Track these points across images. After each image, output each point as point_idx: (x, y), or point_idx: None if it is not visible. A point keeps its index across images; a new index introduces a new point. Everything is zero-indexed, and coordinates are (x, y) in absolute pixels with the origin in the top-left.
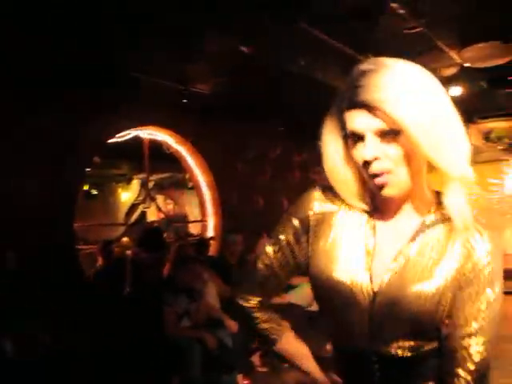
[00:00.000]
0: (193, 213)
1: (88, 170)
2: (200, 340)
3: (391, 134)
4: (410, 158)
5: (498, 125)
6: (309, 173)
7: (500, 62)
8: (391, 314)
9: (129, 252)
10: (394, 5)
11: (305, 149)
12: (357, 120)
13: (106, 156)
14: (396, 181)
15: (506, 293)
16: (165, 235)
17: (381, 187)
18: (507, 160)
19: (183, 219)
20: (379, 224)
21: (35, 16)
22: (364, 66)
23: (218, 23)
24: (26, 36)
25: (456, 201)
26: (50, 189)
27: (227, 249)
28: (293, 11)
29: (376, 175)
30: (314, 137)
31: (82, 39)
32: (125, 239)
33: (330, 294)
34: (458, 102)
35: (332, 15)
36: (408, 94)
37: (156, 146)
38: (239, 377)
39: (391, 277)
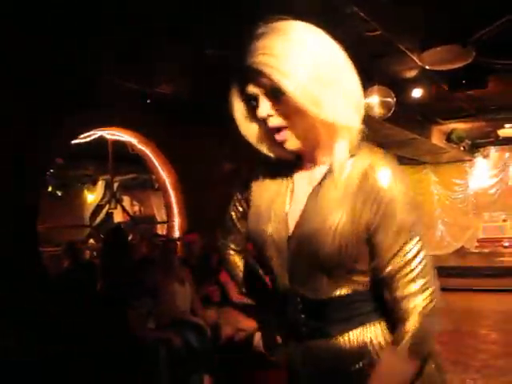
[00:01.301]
0: (160, 214)
1: (51, 171)
2: (165, 341)
3: (277, 93)
4: (300, 113)
5: (458, 126)
6: None
7: (459, 64)
8: (301, 256)
9: (94, 253)
10: (355, 8)
11: None
12: (249, 83)
13: (71, 157)
14: (294, 135)
15: (468, 290)
16: (130, 236)
17: (282, 142)
18: (470, 160)
19: (150, 220)
20: (297, 175)
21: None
22: (258, 30)
23: (181, 25)
24: None
25: (338, 146)
26: (12, 190)
27: (187, 249)
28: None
29: (276, 131)
30: None
31: (48, 38)
32: (90, 241)
33: (260, 244)
34: (420, 104)
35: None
36: (288, 55)
37: (120, 147)
38: (206, 377)
39: (300, 221)
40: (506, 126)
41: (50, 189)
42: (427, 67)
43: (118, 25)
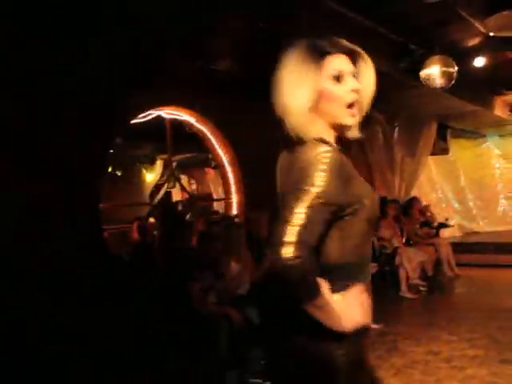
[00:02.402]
0: (217, 192)
1: (111, 151)
2: (226, 316)
3: (355, 75)
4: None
5: None
6: None
7: None
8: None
9: (154, 232)
10: None
11: None
12: (343, 62)
13: (129, 137)
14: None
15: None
16: (188, 214)
17: (353, 115)
18: None
19: (207, 198)
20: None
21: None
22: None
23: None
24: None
25: None
26: (75, 171)
27: (254, 225)
28: None
29: (351, 106)
30: None
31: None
32: (151, 219)
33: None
34: (483, 73)
35: None
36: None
37: (178, 126)
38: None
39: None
40: None
41: (110, 169)
42: (491, 34)
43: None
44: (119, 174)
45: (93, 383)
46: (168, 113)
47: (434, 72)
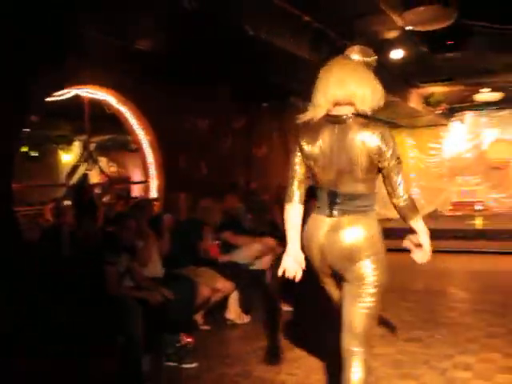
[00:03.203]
0: (136, 175)
1: (26, 130)
2: (142, 300)
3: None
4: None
5: (436, 89)
6: (252, 137)
7: (440, 25)
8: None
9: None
10: None
11: (250, 112)
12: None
13: (46, 115)
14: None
15: (441, 251)
16: (107, 196)
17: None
18: (445, 125)
19: (126, 181)
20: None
21: None
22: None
23: None
24: None
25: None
26: None
27: (172, 207)
28: None
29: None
30: (261, 100)
31: None
32: (66, 201)
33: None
34: (400, 65)
35: None
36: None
37: (97, 106)
38: (182, 335)
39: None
40: (483, 90)
41: (25, 149)
42: (408, 28)
43: None
44: (34, 154)
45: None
46: (87, 92)
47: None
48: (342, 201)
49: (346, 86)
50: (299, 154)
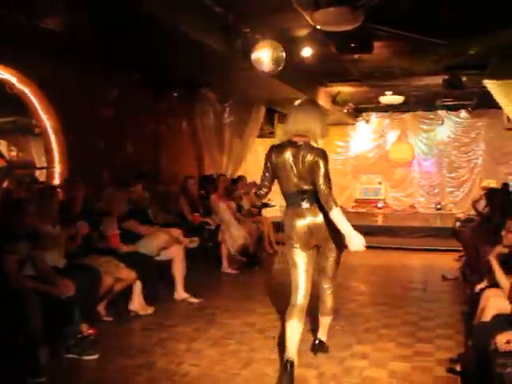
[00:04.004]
0: (40, 160)
1: None
2: (41, 291)
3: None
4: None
5: (343, 89)
6: (160, 126)
7: (348, 27)
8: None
9: None
10: None
11: (160, 101)
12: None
13: None
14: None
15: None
16: (6, 182)
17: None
18: (352, 124)
19: (28, 166)
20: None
21: None
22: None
23: None
24: None
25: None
26: None
27: (69, 195)
28: None
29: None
30: (172, 90)
31: None
32: None
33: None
34: (310, 63)
35: None
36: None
37: None
38: (84, 326)
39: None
40: (387, 93)
41: None
42: (318, 27)
43: None
44: None
45: None
46: None
47: (263, 56)
48: (307, 197)
49: (304, 124)
50: (269, 164)
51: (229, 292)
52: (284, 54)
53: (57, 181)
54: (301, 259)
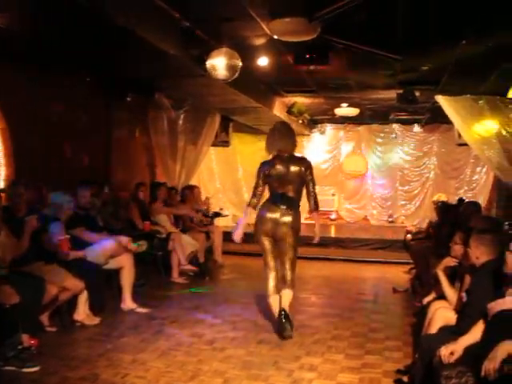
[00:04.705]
0: None
1: None
2: None
3: None
4: None
5: (299, 99)
6: (112, 131)
7: (304, 38)
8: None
9: None
10: None
11: (113, 103)
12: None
13: None
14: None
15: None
16: None
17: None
18: (307, 135)
19: None
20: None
21: None
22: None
23: None
24: None
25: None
26: None
27: (12, 200)
28: None
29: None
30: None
31: None
32: None
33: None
34: (266, 72)
35: None
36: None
37: None
38: (25, 337)
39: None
40: (343, 105)
41: None
42: (275, 36)
43: None
44: None
45: None
46: None
47: (218, 63)
48: (287, 200)
49: (286, 141)
50: (262, 176)
51: (178, 302)
52: (240, 62)
53: (1, 185)
54: (270, 246)
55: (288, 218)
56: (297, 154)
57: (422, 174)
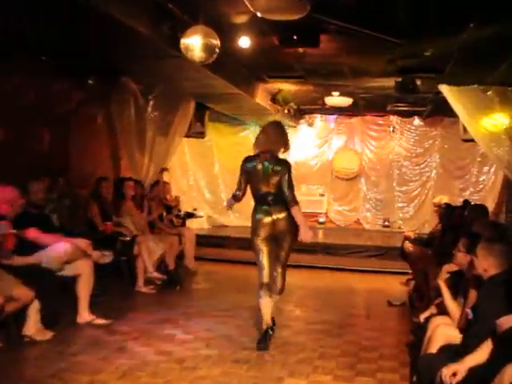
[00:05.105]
0: None
1: None
2: None
3: None
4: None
5: (285, 86)
6: (71, 119)
7: (292, 16)
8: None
9: None
10: None
11: (73, 87)
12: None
13: None
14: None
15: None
16: None
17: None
18: (294, 127)
19: None
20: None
21: None
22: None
23: None
24: None
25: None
26: None
27: None
28: None
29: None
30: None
31: None
32: None
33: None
34: (248, 55)
35: None
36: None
37: None
38: None
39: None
40: (334, 93)
41: None
42: (258, 14)
43: None
44: None
45: None
46: None
47: (194, 43)
48: (272, 198)
49: (270, 142)
50: (244, 171)
51: (143, 315)
52: (218, 43)
53: None
54: (264, 247)
55: (283, 214)
56: (279, 156)
57: (423, 172)
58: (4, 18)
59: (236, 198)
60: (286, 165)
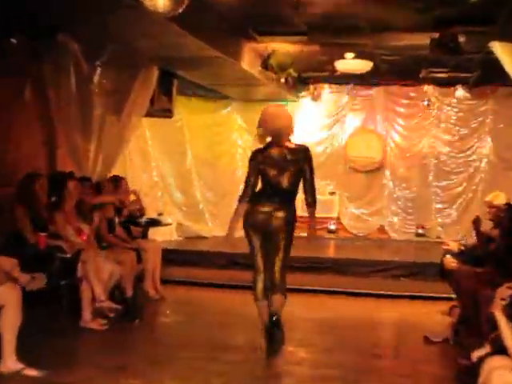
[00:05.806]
0: None
1: None
2: None
3: None
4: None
5: (281, 46)
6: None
7: None
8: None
9: None
10: None
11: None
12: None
13: None
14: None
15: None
16: None
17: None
18: (293, 101)
19: None
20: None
21: None
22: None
23: None
24: None
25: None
26: None
27: None
28: None
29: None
30: (9, 32)
31: None
32: None
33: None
34: (229, 6)
35: None
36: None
37: None
38: None
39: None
40: (348, 56)
41: None
42: None
43: None
44: None
45: None
46: None
47: None
48: (282, 193)
49: (279, 127)
50: (254, 165)
51: (91, 360)
52: None
53: None
54: (259, 243)
55: (282, 213)
56: (294, 141)
57: (469, 162)
58: None
59: (246, 201)
60: (306, 151)
